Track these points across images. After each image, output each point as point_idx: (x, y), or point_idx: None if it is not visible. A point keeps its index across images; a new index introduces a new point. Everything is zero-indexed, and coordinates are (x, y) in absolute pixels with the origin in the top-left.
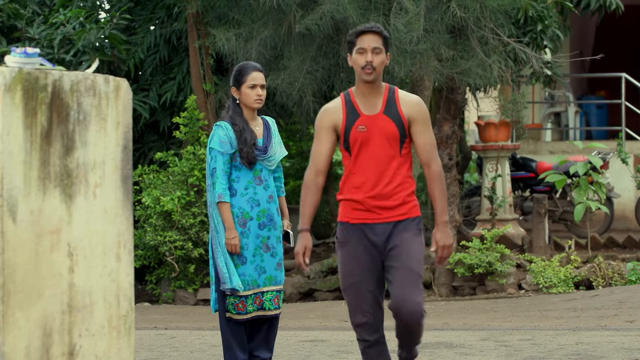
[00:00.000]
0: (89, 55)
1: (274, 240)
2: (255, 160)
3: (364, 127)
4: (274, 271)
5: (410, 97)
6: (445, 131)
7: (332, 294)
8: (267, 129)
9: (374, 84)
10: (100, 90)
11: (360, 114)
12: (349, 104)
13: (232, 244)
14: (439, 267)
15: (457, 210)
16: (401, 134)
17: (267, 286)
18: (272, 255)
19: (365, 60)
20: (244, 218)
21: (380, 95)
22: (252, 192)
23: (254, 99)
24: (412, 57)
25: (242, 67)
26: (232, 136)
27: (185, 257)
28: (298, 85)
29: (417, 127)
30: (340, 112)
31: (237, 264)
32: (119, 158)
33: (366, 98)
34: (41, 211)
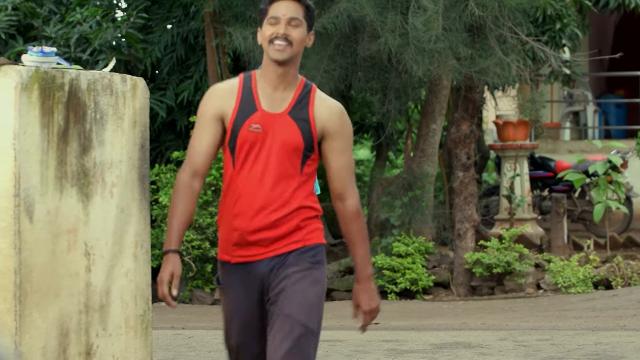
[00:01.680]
0: (106, 54)
1: None
2: None
3: (259, 126)
4: None
5: (331, 102)
6: (464, 130)
7: (349, 294)
8: None
9: (287, 71)
10: (117, 90)
11: (259, 108)
12: (247, 90)
13: None
14: (457, 267)
15: (475, 210)
16: (307, 147)
17: None
18: None
19: (276, 31)
20: None
21: (292, 89)
22: None
23: None
24: (430, 56)
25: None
26: None
27: (202, 257)
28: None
29: (333, 145)
30: (234, 98)
31: None
32: (136, 157)
33: (272, 88)
34: (58, 211)
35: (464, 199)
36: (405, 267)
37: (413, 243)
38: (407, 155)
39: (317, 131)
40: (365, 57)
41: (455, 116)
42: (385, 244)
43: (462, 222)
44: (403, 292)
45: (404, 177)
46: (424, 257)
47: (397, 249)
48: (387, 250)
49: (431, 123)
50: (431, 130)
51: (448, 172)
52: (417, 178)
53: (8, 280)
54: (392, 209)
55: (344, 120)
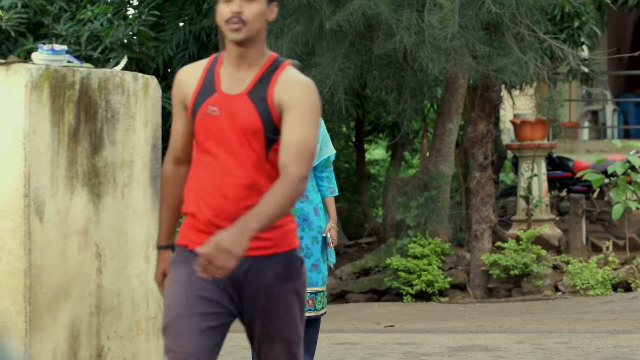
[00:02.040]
0: (117, 52)
1: (308, 240)
2: None
3: (216, 109)
4: (308, 272)
5: (295, 78)
6: (480, 130)
7: (364, 296)
8: None
9: (246, 51)
10: (128, 88)
11: (217, 89)
12: (211, 71)
13: None
14: (473, 268)
15: (492, 211)
16: (268, 129)
17: None
18: (305, 256)
19: (229, 10)
20: None
21: (256, 67)
22: None
23: None
24: (447, 54)
25: None
26: None
27: None
28: (329, 82)
29: (287, 117)
30: (196, 80)
31: None
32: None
33: (234, 68)
34: (68, 211)
35: (480, 200)
36: (421, 269)
37: (429, 244)
38: (423, 155)
39: (275, 109)
40: (381, 55)
41: (472, 115)
42: (400, 245)
43: (478, 223)
44: (419, 294)
45: (419, 177)
46: (440, 258)
47: (412, 250)
48: (403, 251)
49: (447, 122)
50: (447, 130)
51: (464, 172)
52: (433, 178)
53: (18, 281)
54: (407, 210)
55: (305, 94)
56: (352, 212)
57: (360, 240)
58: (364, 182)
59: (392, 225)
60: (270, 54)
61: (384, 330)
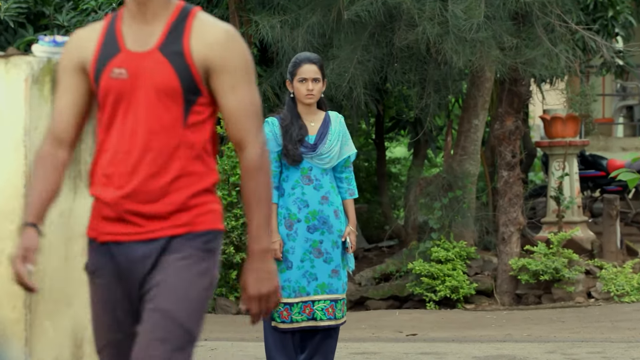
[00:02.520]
0: None
1: (328, 245)
2: (300, 157)
3: (122, 71)
4: (327, 278)
5: (215, 25)
6: (508, 126)
7: (385, 303)
8: (326, 125)
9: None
10: None
11: (122, 48)
12: (111, 30)
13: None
14: (501, 273)
15: (521, 212)
16: (187, 89)
17: (318, 294)
18: (325, 261)
19: None
20: (291, 220)
21: (163, 18)
22: (299, 192)
23: (303, 94)
24: (472, 45)
25: (295, 58)
26: (277, 132)
27: (226, 262)
28: (348, 76)
29: (221, 80)
30: (95, 41)
31: (282, 268)
32: None
33: (138, 22)
34: (72, 212)
35: (508, 201)
36: (445, 274)
37: (453, 248)
38: (447, 153)
39: (196, 66)
40: (402, 47)
41: (499, 111)
42: (423, 248)
43: (506, 226)
44: (443, 300)
45: (443, 176)
46: (465, 263)
47: (436, 254)
48: (426, 255)
49: (473, 118)
50: (473, 126)
51: (491, 171)
52: (458, 178)
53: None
54: (430, 211)
55: (233, 47)
56: (372, 214)
57: (380, 244)
58: (384, 182)
59: (415, 228)
60: (177, 1)
61: (406, 339)
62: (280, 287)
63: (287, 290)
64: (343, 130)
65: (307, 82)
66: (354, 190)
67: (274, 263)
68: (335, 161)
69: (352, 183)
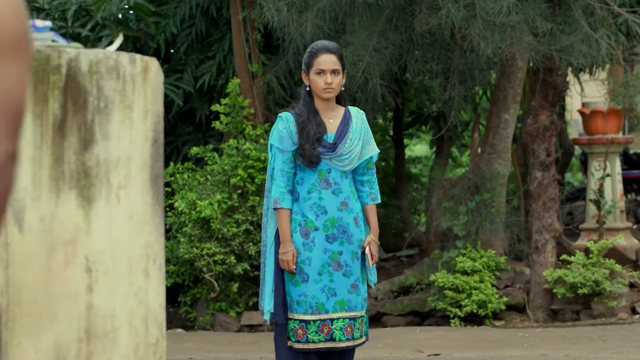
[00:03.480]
0: (110, 30)
1: (348, 256)
2: (317, 159)
3: None
4: (347, 294)
5: None
6: (542, 121)
7: (404, 319)
8: (346, 122)
9: None
10: (124, 72)
11: None
12: None
13: (283, 259)
14: (534, 286)
15: (556, 218)
16: None
17: (337, 312)
18: (345, 274)
19: None
20: (307, 227)
21: None
22: (316, 197)
23: (321, 87)
24: (502, 31)
25: (311, 48)
26: (292, 130)
27: (226, 274)
28: (363, 65)
29: None
30: None
31: (296, 281)
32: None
33: None
34: (53, 218)
35: (542, 205)
36: (471, 287)
37: (481, 257)
38: (474, 152)
39: None
40: (423, 33)
41: (532, 104)
42: (447, 258)
43: (540, 233)
44: (469, 316)
45: (469, 177)
46: (494, 274)
47: (461, 264)
48: (450, 266)
49: (503, 112)
50: (503, 121)
51: (523, 171)
52: (486, 179)
53: None
54: (455, 216)
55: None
56: (390, 219)
57: (399, 253)
58: (403, 184)
59: (437, 235)
60: None
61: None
62: (295, 302)
63: (302, 306)
64: (365, 127)
65: (326, 74)
66: (376, 194)
67: None
68: (356, 162)
69: (375, 187)
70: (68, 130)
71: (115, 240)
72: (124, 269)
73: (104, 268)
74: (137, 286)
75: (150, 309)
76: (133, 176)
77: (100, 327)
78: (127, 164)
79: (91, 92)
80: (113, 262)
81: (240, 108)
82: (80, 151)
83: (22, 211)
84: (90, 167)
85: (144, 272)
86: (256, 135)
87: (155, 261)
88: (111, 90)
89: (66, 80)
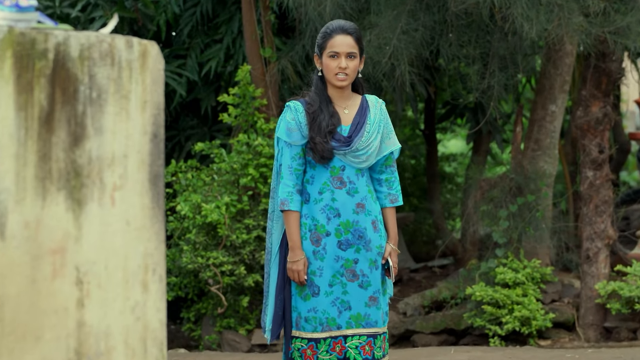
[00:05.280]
0: (104, 10)
1: (364, 265)
2: (330, 154)
3: None
4: (364, 308)
5: None
6: (594, 113)
7: (436, 338)
8: (363, 112)
9: None
10: (120, 58)
11: None
12: None
13: (293, 269)
14: (585, 301)
15: (610, 223)
16: None
17: (352, 328)
18: (361, 285)
19: None
20: (318, 233)
21: None
22: (328, 198)
23: (334, 72)
24: (548, 10)
25: (325, 28)
26: (302, 121)
27: (235, 287)
28: (390, 49)
29: None
30: None
31: (306, 295)
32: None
33: None
34: (40, 223)
35: (594, 208)
36: (513, 302)
37: (524, 268)
38: (516, 148)
39: None
40: (459, 13)
41: (582, 94)
42: (486, 269)
43: (591, 240)
44: (510, 335)
45: (511, 177)
46: (539, 287)
47: (502, 276)
48: (489, 278)
49: (549, 103)
50: (549, 114)
51: (572, 170)
52: (530, 179)
53: None
54: (495, 222)
55: None
56: (420, 225)
57: (431, 263)
58: (436, 185)
59: (474, 243)
60: None
61: None
62: (304, 319)
63: (312, 323)
64: (384, 119)
65: (340, 57)
66: (396, 196)
67: None
68: (374, 159)
69: (395, 187)
70: (56, 123)
71: (109, 249)
72: (119, 281)
73: (96, 280)
74: (135, 300)
75: (149, 326)
76: (130, 176)
77: (93, 347)
78: (123, 162)
79: (82, 81)
80: (107, 274)
81: (252, 99)
82: (69, 147)
83: (4, 216)
84: (82, 166)
85: (142, 285)
86: (269, 130)
87: (154, 272)
88: (105, 79)
89: (54, 67)
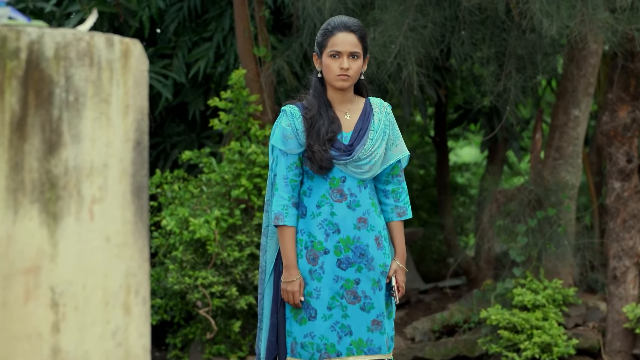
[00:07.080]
0: (81, 5)
1: (367, 285)
2: (330, 164)
3: None
4: (366, 333)
5: None
6: (622, 118)
7: None
8: (366, 118)
9: None
10: (100, 58)
11: None
12: None
13: (288, 290)
14: (612, 325)
15: (639, 239)
16: None
17: (353, 355)
18: (363, 308)
19: None
20: (315, 250)
21: None
22: (327, 212)
23: (335, 73)
24: (570, 5)
25: (326, 25)
26: (298, 127)
27: (226, 310)
28: (395, 49)
29: None
30: None
31: (302, 318)
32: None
33: None
34: (11, 240)
35: (622, 223)
36: (532, 326)
37: (545, 289)
38: (536, 157)
39: None
40: (472, 8)
41: (608, 97)
42: (502, 290)
43: (619, 258)
44: None
45: (530, 189)
46: (561, 310)
47: (520, 297)
48: (506, 300)
49: (572, 108)
50: (572, 119)
51: (597, 181)
52: (551, 191)
53: None
54: (512, 238)
55: None
56: (431, 241)
57: (441, 283)
58: (447, 197)
59: (490, 261)
60: None
61: None
62: (299, 345)
63: (308, 350)
64: (390, 124)
65: (342, 57)
66: (404, 208)
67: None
68: (379, 168)
69: (403, 198)
70: (29, 129)
71: (87, 268)
72: (98, 303)
73: (73, 302)
74: (115, 325)
75: (131, 352)
76: (110, 187)
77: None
78: (102, 172)
79: (58, 83)
80: (85, 295)
81: (245, 103)
82: (44, 156)
83: None
84: (57, 176)
85: (123, 307)
86: (264, 137)
87: (137, 293)
88: (83, 80)
89: (26, 68)
